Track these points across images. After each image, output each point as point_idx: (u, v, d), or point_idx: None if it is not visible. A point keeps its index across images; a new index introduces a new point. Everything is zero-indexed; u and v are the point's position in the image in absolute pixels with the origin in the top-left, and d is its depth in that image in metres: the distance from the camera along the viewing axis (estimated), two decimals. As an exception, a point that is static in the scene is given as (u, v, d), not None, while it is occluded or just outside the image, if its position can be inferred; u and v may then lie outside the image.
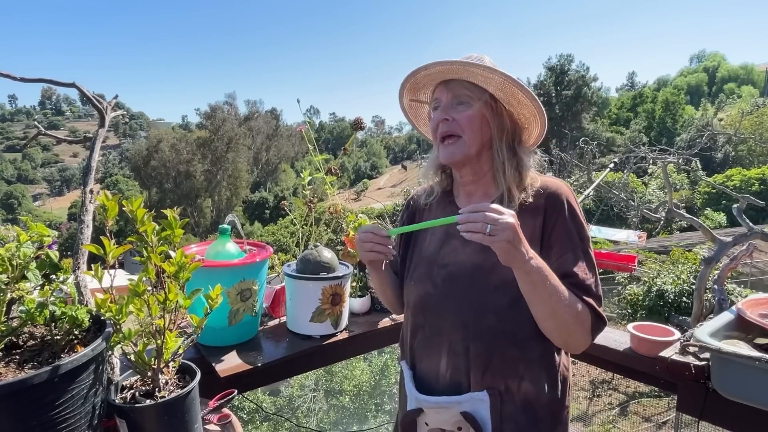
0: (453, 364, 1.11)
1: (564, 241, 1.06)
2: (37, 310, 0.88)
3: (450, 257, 1.16)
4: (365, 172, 78.43)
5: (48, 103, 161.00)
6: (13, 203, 74.82)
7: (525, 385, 1.08)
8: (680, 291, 7.87)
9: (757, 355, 1.09)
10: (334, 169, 1.76)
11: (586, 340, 1.06)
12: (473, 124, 1.09)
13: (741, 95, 51.02)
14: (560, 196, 1.09)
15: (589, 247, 1.08)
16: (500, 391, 1.07)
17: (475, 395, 1.07)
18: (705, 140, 8.32)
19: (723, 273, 3.05)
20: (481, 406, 1.06)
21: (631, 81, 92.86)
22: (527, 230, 1.05)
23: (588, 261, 1.07)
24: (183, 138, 47.49)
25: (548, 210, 1.08)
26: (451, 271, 1.14)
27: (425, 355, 1.17)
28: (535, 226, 1.08)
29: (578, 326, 1.03)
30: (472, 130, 1.09)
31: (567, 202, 1.09)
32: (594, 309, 1.04)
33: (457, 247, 1.16)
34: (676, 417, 4.17)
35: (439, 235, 1.21)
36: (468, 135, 1.09)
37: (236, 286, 1.43)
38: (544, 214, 1.08)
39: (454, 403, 1.08)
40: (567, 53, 57.15)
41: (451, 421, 1.08)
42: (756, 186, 21.12)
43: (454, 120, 1.10)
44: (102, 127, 1.58)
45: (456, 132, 1.10)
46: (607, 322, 1.08)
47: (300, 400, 7.08)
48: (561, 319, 1.02)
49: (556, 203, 1.08)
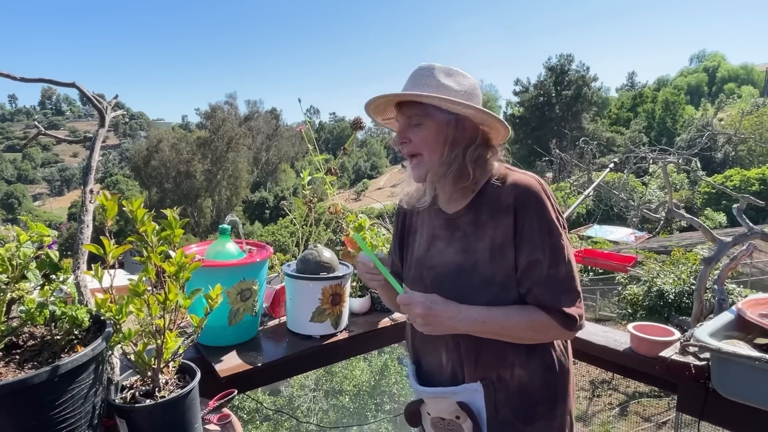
0: (451, 358, 1.19)
1: (533, 238, 1.09)
2: (37, 310, 0.88)
3: (436, 259, 1.21)
4: (365, 172, 78.37)
5: (48, 103, 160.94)
6: (13, 203, 74.76)
7: (518, 372, 1.13)
8: (680, 291, 7.86)
9: (757, 355, 1.09)
10: (334, 169, 1.76)
11: (566, 335, 1.12)
12: (428, 143, 1.14)
13: (741, 95, 50.87)
14: (529, 193, 1.11)
15: (561, 241, 1.10)
16: (493, 380, 1.14)
17: (469, 386, 1.14)
18: (705, 140, 8.31)
19: (723, 273, 3.05)
20: (475, 396, 1.14)
21: (631, 81, 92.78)
22: (499, 230, 1.12)
23: (557, 255, 1.09)
24: (183, 138, 47.39)
25: (518, 209, 1.10)
26: (438, 273, 1.20)
27: (428, 351, 1.25)
28: (507, 225, 1.11)
29: (544, 334, 1.11)
30: (428, 147, 1.14)
31: (536, 199, 1.10)
32: (561, 312, 1.07)
33: (442, 249, 1.21)
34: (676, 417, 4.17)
35: (426, 238, 1.26)
36: (426, 152, 1.15)
37: (236, 286, 1.43)
38: (515, 214, 1.11)
39: (449, 394, 1.16)
40: (567, 53, 57.16)
41: (449, 410, 1.17)
42: (756, 186, 21.11)
43: (411, 141, 1.16)
44: (102, 127, 1.58)
45: (416, 151, 1.16)
46: (582, 313, 1.10)
47: (300, 400, 7.07)
48: (523, 338, 1.11)
49: (524, 201, 1.10)
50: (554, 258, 1.08)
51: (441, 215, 1.23)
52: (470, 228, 1.17)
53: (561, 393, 1.18)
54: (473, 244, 1.15)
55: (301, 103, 2.08)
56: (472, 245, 1.15)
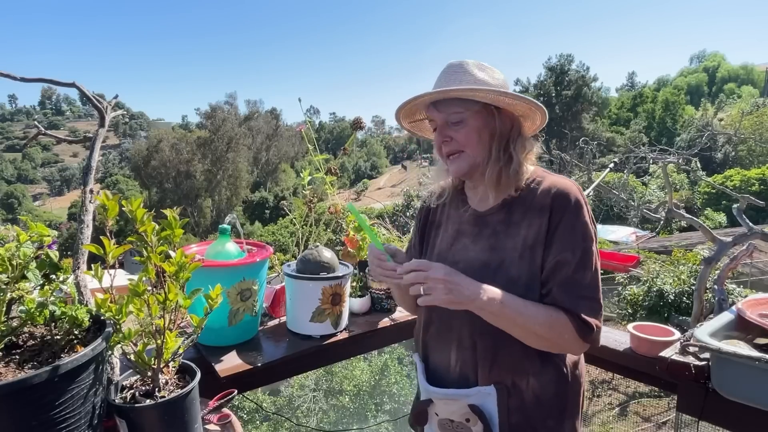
0: (462, 358, 1.16)
1: (564, 239, 1.08)
2: (37, 310, 0.88)
3: (460, 255, 1.20)
4: (365, 172, 78.37)
5: (48, 103, 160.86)
6: (13, 203, 74.72)
7: (532, 381, 1.12)
8: (680, 291, 7.86)
9: (757, 355, 1.09)
10: (334, 169, 1.76)
11: (579, 346, 1.08)
12: (471, 139, 1.14)
13: (741, 95, 50.92)
14: (567, 195, 1.11)
15: (591, 246, 1.09)
16: (507, 386, 1.11)
17: (482, 389, 1.12)
18: (705, 140, 8.31)
19: (723, 273, 3.05)
20: (488, 399, 1.11)
21: (631, 81, 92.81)
22: (532, 229, 1.11)
23: (586, 260, 1.08)
24: (183, 138, 47.36)
25: (554, 209, 1.10)
26: (461, 269, 1.16)
27: (437, 349, 1.23)
28: (540, 225, 1.10)
29: (558, 336, 1.06)
30: (472, 143, 1.15)
31: (574, 202, 1.10)
32: (578, 317, 1.05)
33: (467, 245, 1.20)
34: (676, 417, 4.17)
35: (451, 233, 1.25)
36: (469, 149, 1.15)
37: (236, 286, 1.43)
38: (550, 214, 1.10)
39: (462, 396, 1.14)
40: (567, 53, 57.17)
41: (459, 412, 1.14)
42: (756, 186, 21.07)
43: (453, 139, 1.16)
44: (102, 127, 1.58)
45: (458, 149, 1.16)
46: (600, 326, 1.08)
47: (300, 400, 7.07)
48: (535, 334, 1.06)
49: (562, 202, 1.10)
50: (583, 262, 1.07)
51: (470, 212, 1.22)
52: (501, 226, 1.16)
53: (571, 406, 1.16)
54: (502, 243, 1.14)
55: (301, 103, 2.08)
56: (501, 243, 1.14)
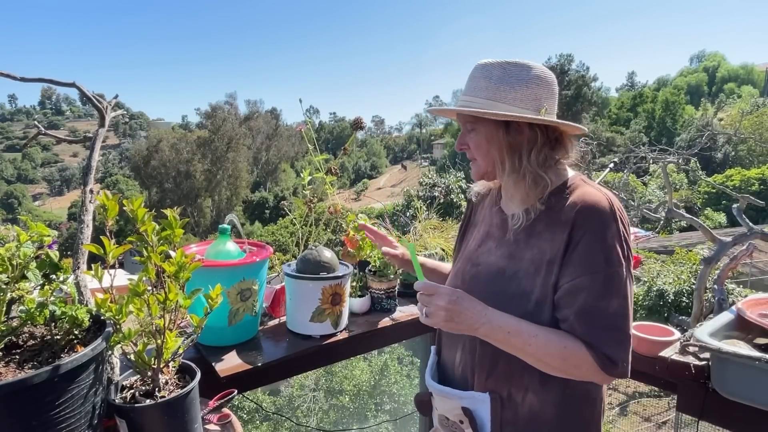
0: (464, 360, 1.15)
1: (583, 261, 0.98)
2: (37, 309, 0.88)
3: (483, 257, 1.18)
4: (365, 172, 78.29)
5: (48, 102, 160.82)
6: (13, 203, 74.74)
7: (530, 397, 1.06)
8: (680, 291, 7.85)
9: (757, 355, 1.09)
10: (334, 168, 1.75)
11: (601, 378, 0.98)
12: (481, 149, 1.14)
13: (741, 95, 50.89)
14: (593, 211, 1.00)
15: (618, 271, 0.98)
16: (502, 396, 1.08)
17: (477, 395, 1.10)
18: (705, 140, 8.32)
19: (723, 273, 3.04)
20: (481, 406, 1.09)
21: (631, 81, 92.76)
22: (553, 245, 1.02)
23: (610, 287, 0.97)
24: (183, 138, 47.36)
25: (576, 225, 1.00)
26: (479, 271, 1.17)
27: (447, 346, 1.24)
28: (560, 241, 1.01)
29: (574, 368, 0.98)
30: (481, 153, 1.15)
31: (600, 219, 0.99)
32: (599, 350, 0.96)
33: (491, 248, 1.18)
34: (676, 417, 4.17)
35: (481, 234, 1.25)
36: (479, 158, 1.16)
37: (236, 286, 1.43)
38: (571, 229, 1.00)
39: (455, 396, 1.13)
40: (567, 53, 57.21)
41: (453, 412, 1.14)
42: (756, 186, 21.08)
43: (468, 146, 1.17)
44: (102, 127, 1.58)
45: (472, 156, 1.18)
46: (627, 360, 0.97)
47: (300, 399, 7.08)
48: (546, 364, 1.00)
49: (586, 219, 0.99)
50: (606, 289, 0.97)
51: (500, 214, 1.19)
52: (522, 235, 1.09)
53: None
54: (521, 252, 1.08)
55: (302, 103, 2.08)
56: (520, 253, 1.09)
